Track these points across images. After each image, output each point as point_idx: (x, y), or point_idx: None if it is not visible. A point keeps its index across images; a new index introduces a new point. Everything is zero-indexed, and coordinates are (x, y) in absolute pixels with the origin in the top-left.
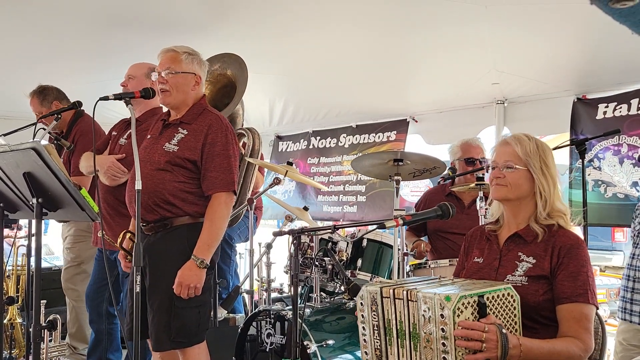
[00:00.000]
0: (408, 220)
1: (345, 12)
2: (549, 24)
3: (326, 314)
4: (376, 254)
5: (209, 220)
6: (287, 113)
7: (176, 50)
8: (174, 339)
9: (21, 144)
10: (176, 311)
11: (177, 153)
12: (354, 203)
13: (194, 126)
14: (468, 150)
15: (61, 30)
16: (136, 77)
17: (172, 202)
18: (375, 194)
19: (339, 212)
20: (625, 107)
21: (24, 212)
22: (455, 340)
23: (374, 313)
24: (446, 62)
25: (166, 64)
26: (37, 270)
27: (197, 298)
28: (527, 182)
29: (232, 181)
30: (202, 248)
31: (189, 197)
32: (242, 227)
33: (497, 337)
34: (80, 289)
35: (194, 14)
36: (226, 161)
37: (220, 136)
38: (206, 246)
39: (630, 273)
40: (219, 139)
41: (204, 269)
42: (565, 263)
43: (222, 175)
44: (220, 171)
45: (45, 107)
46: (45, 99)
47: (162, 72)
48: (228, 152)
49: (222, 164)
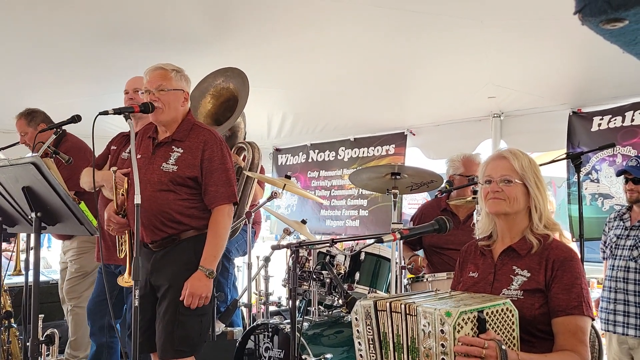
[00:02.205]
0: (405, 234)
1: (344, 28)
2: (544, 39)
3: (324, 328)
4: (374, 268)
5: (213, 232)
6: (285, 126)
7: (165, 68)
8: (177, 347)
9: (21, 159)
10: (180, 319)
11: (177, 173)
12: (356, 217)
13: (188, 143)
14: (470, 167)
15: (61, 45)
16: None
17: (179, 220)
18: (377, 209)
19: (341, 226)
20: (620, 119)
21: (22, 226)
22: (455, 356)
23: (368, 327)
24: (443, 76)
25: (157, 81)
26: (36, 284)
27: (200, 307)
28: (523, 197)
29: (233, 193)
30: (209, 259)
31: (195, 212)
32: (240, 241)
33: (497, 354)
34: (85, 295)
35: (195, 29)
36: (224, 174)
37: (217, 151)
38: (212, 257)
39: (611, 284)
40: (216, 154)
41: (211, 279)
42: (559, 276)
43: (222, 189)
44: (220, 185)
45: (31, 128)
46: (32, 121)
47: (152, 90)
48: (225, 165)
49: (221, 178)
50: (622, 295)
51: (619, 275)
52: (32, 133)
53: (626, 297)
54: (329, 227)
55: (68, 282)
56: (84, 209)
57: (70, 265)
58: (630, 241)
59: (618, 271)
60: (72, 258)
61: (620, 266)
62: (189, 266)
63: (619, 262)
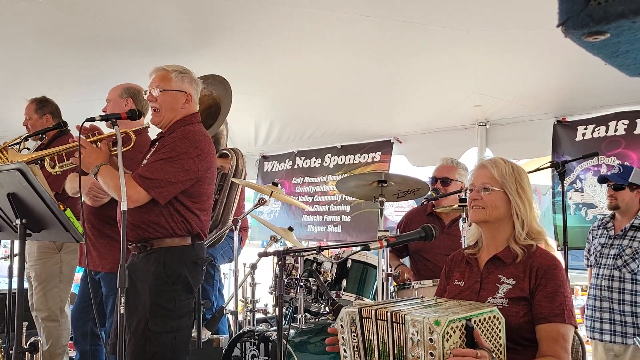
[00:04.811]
0: (392, 242)
1: (330, 35)
2: (529, 48)
3: (311, 335)
4: (360, 275)
5: (116, 181)
6: (272, 133)
7: (166, 69)
8: None
9: (6, 165)
10: (150, 335)
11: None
12: (338, 223)
13: (163, 140)
14: (436, 169)
15: (48, 52)
16: (112, 100)
17: (146, 220)
18: (360, 215)
19: (322, 232)
20: (604, 129)
21: (6, 232)
22: None
23: (353, 334)
24: (429, 85)
25: (156, 82)
26: (20, 291)
27: (174, 323)
28: (503, 204)
29: (152, 184)
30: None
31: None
32: (225, 248)
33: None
34: (54, 306)
35: (180, 37)
36: (159, 162)
37: (171, 141)
38: (104, 174)
39: (596, 293)
40: (167, 142)
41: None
42: (543, 284)
43: (145, 171)
44: (146, 169)
45: (37, 115)
46: (41, 109)
47: (152, 90)
48: (167, 154)
49: (154, 165)
50: (607, 304)
51: (603, 283)
52: (36, 120)
53: (611, 305)
54: (311, 232)
55: (34, 294)
56: (70, 216)
57: (31, 271)
58: (614, 250)
59: (602, 280)
60: (31, 264)
61: (605, 275)
62: (158, 281)
63: (603, 271)
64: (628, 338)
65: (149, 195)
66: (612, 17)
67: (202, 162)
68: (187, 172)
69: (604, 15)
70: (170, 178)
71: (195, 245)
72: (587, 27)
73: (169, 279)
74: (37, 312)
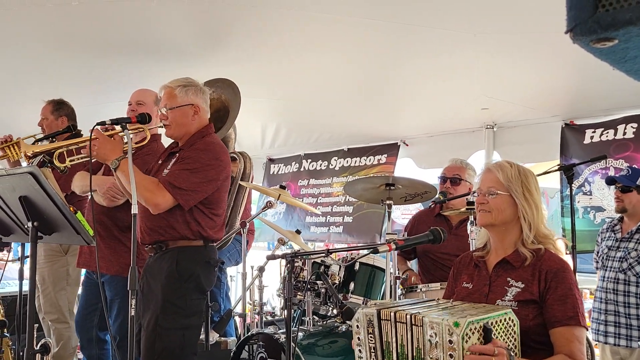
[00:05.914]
0: (400, 244)
1: (337, 39)
2: (536, 52)
3: (319, 338)
4: (368, 278)
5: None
6: (279, 136)
7: (170, 86)
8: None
9: (18, 168)
10: (160, 332)
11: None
12: (340, 224)
13: (183, 153)
14: (446, 168)
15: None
16: (146, 104)
17: (164, 225)
18: (362, 215)
19: (325, 232)
20: (612, 132)
21: (18, 235)
22: None
23: (370, 335)
24: (436, 88)
25: (164, 101)
26: (32, 293)
27: (183, 320)
28: (510, 207)
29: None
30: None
31: (180, 220)
32: (232, 251)
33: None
34: (63, 308)
35: (188, 41)
36: (185, 172)
37: (194, 152)
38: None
39: (601, 295)
40: (192, 155)
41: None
42: (553, 287)
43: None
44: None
45: (53, 116)
46: (57, 110)
47: (162, 109)
48: (191, 165)
49: (174, 172)
50: (613, 306)
51: (608, 286)
52: (52, 121)
53: (616, 308)
54: (313, 233)
55: (42, 296)
56: (80, 218)
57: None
58: (620, 253)
59: (608, 282)
60: (38, 267)
61: (610, 277)
62: (170, 279)
63: (609, 274)
64: (633, 341)
65: (175, 202)
66: (620, 24)
67: (222, 172)
68: (210, 183)
69: (612, 22)
70: (195, 187)
71: (208, 246)
72: (595, 34)
73: (181, 277)
74: (46, 315)
